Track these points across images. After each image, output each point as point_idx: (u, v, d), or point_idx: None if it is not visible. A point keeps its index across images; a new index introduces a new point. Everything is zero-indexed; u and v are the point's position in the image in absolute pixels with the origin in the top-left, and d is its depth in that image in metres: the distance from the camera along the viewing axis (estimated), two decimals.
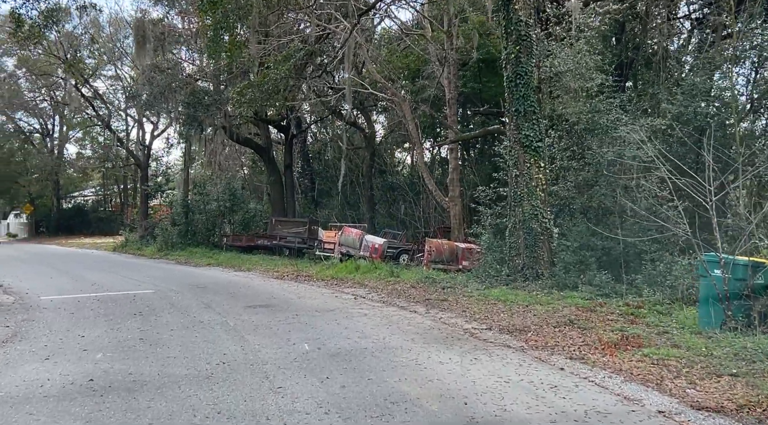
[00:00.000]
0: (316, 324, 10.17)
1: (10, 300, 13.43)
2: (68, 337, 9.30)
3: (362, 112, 31.98)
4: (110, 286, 16.15)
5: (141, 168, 35.97)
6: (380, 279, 15.90)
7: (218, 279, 17.89)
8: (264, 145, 30.75)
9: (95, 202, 58.97)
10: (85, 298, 13.73)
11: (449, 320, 10.46)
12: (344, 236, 22.69)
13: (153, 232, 30.34)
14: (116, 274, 19.51)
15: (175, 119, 26.22)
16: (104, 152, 53.07)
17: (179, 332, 9.66)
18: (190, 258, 25.08)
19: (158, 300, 13.37)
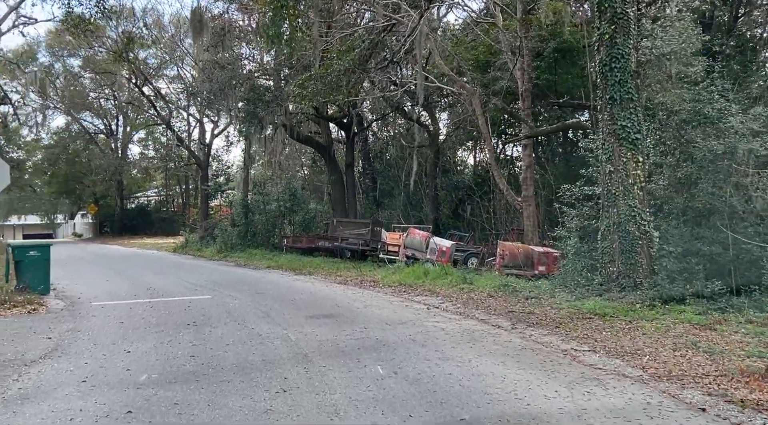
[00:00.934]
0: (387, 340, 8.92)
1: (60, 306, 12.65)
2: (112, 353, 8.29)
3: (426, 109, 30.65)
4: (166, 291, 15.30)
5: (201, 167, 35.56)
6: (452, 286, 14.55)
7: (278, 283, 16.87)
8: (325, 144, 29.77)
9: (158, 203, 59.39)
10: (138, 305, 12.85)
11: (541, 338, 9.05)
12: (409, 238, 21.41)
13: (213, 233, 29.73)
14: (174, 277, 18.74)
15: (235, 117, 25.45)
16: (166, 152, 53.32)
17: (235, 348, 8.55)
18: (249, 260, 24.24)
19: (214, 307, 12.37)
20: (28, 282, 14.00)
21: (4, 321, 10.76)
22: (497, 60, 23.00)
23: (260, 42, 27.05)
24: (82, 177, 53.91)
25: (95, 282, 17.49)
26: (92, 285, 16.72)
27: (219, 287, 15.98)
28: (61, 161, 54.23)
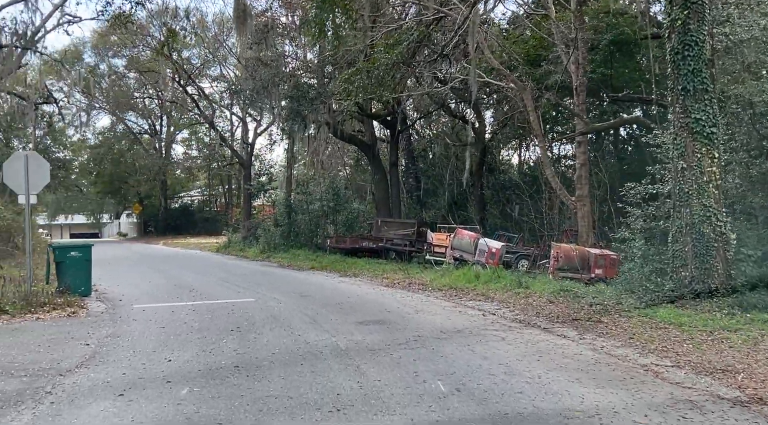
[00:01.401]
0: (445, 351, 8.23)
1: (100, 309, 12.27)
2: (153, 362, 7.78)
3: (472, 106, 29.84)
4: (209, 293, 14.86)
5: (244, 167, 35.34)
6: (507, 291, 13.77)
7: (323, 286, 16.30)
8: (368, 142, 29.19)
9: (201, 202, 59.65)
10: (180, 308, 12.39)
11: (615, 350, 8.24)
12: (457, 239, 20.66)
13: (256, 233, 29.41)
14: (217, 278, 18.34)
15: (278, 115, 25.05)
16: (209, 152, 53.47)
17: (282, 357, 7.96)
18: (292, 261, 23.77)
19: (259, 311, 11.83)
20: (68, 283, 13.70)
21: (43, 325, 10.38)
22: (548, 54, 22.09)
23: (303, 39, 26.62)
24: (127, 177, 54.39)
25: (138, 283, 17.17)
26: (135, 287, 16.39)
27: (262, 289, 15.49)
28: (107, 161, 54.78)
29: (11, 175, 12.10)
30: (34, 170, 12.13)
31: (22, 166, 12.02)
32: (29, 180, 12.06)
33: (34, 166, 12.16)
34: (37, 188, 12.41)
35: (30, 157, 12.15)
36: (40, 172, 12.33)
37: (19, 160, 12.11)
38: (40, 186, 12.57)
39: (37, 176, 12.25)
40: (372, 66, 15.81)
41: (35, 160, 12.31)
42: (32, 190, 12.23)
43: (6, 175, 12.14)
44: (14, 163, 12.15)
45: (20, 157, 12.16)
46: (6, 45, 22.11)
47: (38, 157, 12.60)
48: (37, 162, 12.29)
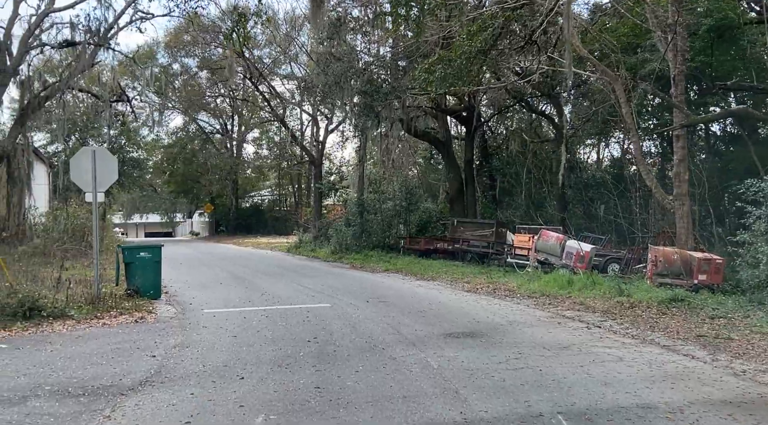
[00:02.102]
0: (555, 373, 7.07)
1: (170, 314, 11.58)
2: (224, 379, 6.91)
3: (552, 100, 28.34)
4: (282, 297, 14.06)
5: (315, 165, 34.71)
6: (606, 299, 12.44)
7: (401, 290, 15.28)
8: (442, 139, 28.07)
9: (271, 202, 59.69)
10: (253, 313, 11.60)
11: (761, 376, 6.91)
12: (542, 241, 19.32)
13: (327, 233, 28.69)
14: (289, 280, 17.58)
15: (351, 111, 24.21)
16: (279, 151, 53.36)
17: (367, 377, 6.97)
18: (365, 263, 22.88)
19: (336, 319, 10.90)
20: (138, 285, 13.16)
21: (108, 332, 9.71)
22: (642, 41, 20.49)
23: (377, 34, 25.73)
24: (199, 176, 54.85)
25: (208, 285, 16.57)
26: (205, 289, 15.78)
27: (337, 293, 14.59)
28: (179, 161, 55.42)
29: (78, 171, 11.55)
30: (101, 166, 11.55)
31: (89, 162, 11.46)
32: (96, 177, 11.49)
33: (102, 162, 11.57)
34: (104, 185, 11.83)
35: (97, 153, 11.58)
36: (108, 169, 11.74)
37: (86, 155, 11.55)
38: (108, 183, 12.00)
39: (105, 173, 11.67)
40: (453, 55, 14.69)
41: (103, 155, 11.73)
42: (100, 187, 11.66)
43: (73, 171, 11.60)
44: (81, 159, 11.60)
45: (87, 153, 11.61)
46: (79, 42, 22.02)
47: (106, 153, 12.03)
48: (104, 158, 11.71)
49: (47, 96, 23.33)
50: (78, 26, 21.77)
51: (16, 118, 22.75)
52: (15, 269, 16.11)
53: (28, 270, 14.18)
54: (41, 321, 9.80)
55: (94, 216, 11.95)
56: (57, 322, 9.93)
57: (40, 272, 15.01)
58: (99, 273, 16.98)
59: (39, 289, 10.56)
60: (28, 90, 22.60)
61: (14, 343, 8.74)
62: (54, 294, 10.44)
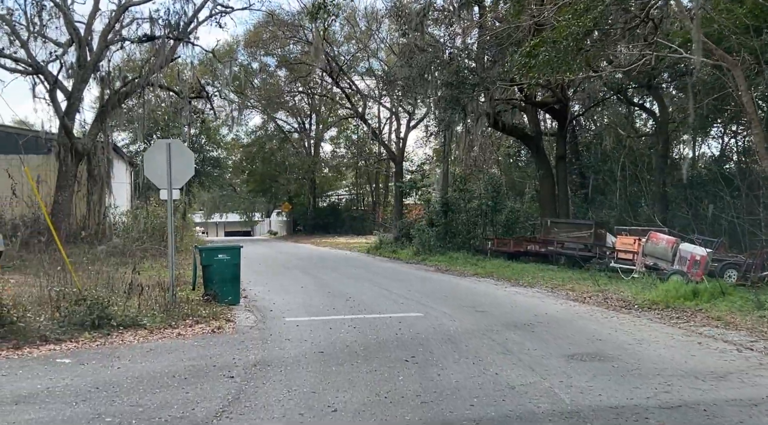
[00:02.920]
0: (726, 415, 5.58)
1: (250, 323, 10.57)
2: (312, 411, 5.77)
3: (651, 91, 26.21)
4: (367, 304, 12.89)
5: (395, 163, 33.50)
6: (744, 313, 10.67)
7: (497, 297, 13.86)
8: (531, 134, 26.37)
9: (348, 201, 59.02)
10: (338, 323, 10.46)
11: None
12: (650, 244, 17.50)
13: (409, 233, 27.48)
14: (372, 284, 16.43)
15: (435, 103, 22.87)
16: (357, 150, 52.56)
17: (484, 411, 5.70)
18: (451, 265, 21.52)
19: (432, 332, 9.63)
20: (216, 290, 12.25)
21: (183, 344, 8.74)
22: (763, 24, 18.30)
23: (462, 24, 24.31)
24: (277, 175, 54.72)
25: (289, 289, 15.60)
26: (286, 293, 14.80)
27: (427, 300, 13.32)
28: (258, 160, 55.46)
29: (152, 166, 10.70)
30: (177, 161, 10.65)
31: (164, 156, 10.58)
32: (171, 172, 10.59)
33: (178, 157, 10.67)
34: (180, 181, 10.94)
35: (173, 146, 10.68)
36: (184, 163, 10.84)
37: (161, 149, 10.68)
38: (184, 179, 11.11)
39: (181, 168, 10.77)
40: (558, 36, 13.14)
41: (178, 149, 10.83)
42: (175, 184, 10.77)
43: (147, 167, 10.77)
44: (155, 153, 10.74)
45: (161, 146, 10.73)
46: (158, 36, 21.58)
47: (182, 146, 11.13)
48: (180, 152, 10.81)
49: (127, 92, 23.06)
50: (157, 21, 21.37)
51: (96, 115, 22.56)
52: (91, 270, 15.59)
53: (101, 271, 13.50)
54: (111, 331, 8.92)
55: (169, 214, 11.06)
56: (128, 332, 9.04)
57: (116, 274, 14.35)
58: (175, 276, 16.37)
59: (109, 295, 9.69)
60: (108, 86, 22.35)
61: (80, 357, 7.85)
62: (125, 300, 9.56)
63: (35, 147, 23.24)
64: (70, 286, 9.54)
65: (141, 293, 10.01)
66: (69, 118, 21.33)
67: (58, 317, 8.78)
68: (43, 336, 8.27)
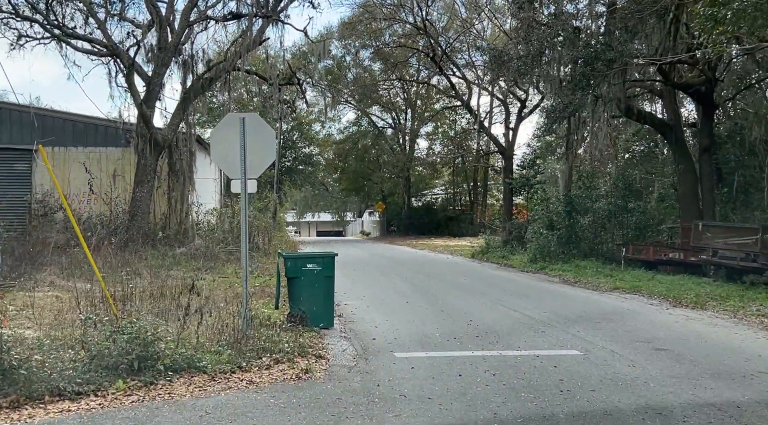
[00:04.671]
0: None
1: (348, 361, 7.76)
2: None
3: None
4: (497, 330, 9.87)
5: (504, 157, 30.05)
6: None
7: (671, 328, 10.47)
8: (669, 122, 22.49)
9: (444, 200, 55.80)
10: (469, 365, 7.51)
11: None
12: None
13: (522, 237, 24.18)
14: (493, 300, 13.36)
15: (558, 86, 19.48)
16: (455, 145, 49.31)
17: None
18: (579, 276, 18.11)
19: (614, 389, 6.50)
20: (304, 310, 9.52)
21: (254, 401, 5.98)
22: None
23: None
24: (371, 173, 52.33)
25: (392, 304, 12.77)
26: (389, 310, 11.97)
27: (575, 327, 10.14)
28: (351, 157, 53.24)
29: (222, 150, 8.07)
30: (253, 142, 7.95)
31: (236, 135, 7.89)
32: (246, 157, 7.90)
33: (254, 136, 7.97)
34: (257, 169, 8.23)
35: (248, 121, 7.97)
36: (263, 145, 8.14)
37: (232, 126, 8.00)
38: (263, 165, 8.38)
39: (258, 151, 8.07)
40: None
41: (255, 125, 8.11)
42: (251, 173, 8.08)
43: (215, 149, 8.14)
44: (225, 131, 8.10)
45: (233, 122, 8.04)
46: (245, 14, 19.26)
47: (259, 121, 8.38)
48: (257, 129, 8.10)
49: (211, 78, 20.87)
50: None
51: (178, 103, 20.50)
52: (161, 277, 13.32)
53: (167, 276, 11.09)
54: (156, 377, 6.27)
55: (243, 212, 8.29)
56: (179, 380, 6.37)
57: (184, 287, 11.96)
58: (259, 286, 13.83)
59: (158, 324, 7.06)
60: (191, 71, 20.24)
61: (97, 423, 5.23)
62: (179, 331, 6.90)
63: (115, 139, 21.48)
64: (108, 311, 6.98)
65: (200, 322, 7.30)
66: (148, 105, 19.33)
67: (82, 358, 6.22)
68: (55, 389, 5.71)
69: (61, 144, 21.40)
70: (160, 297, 9.46)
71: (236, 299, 11.63)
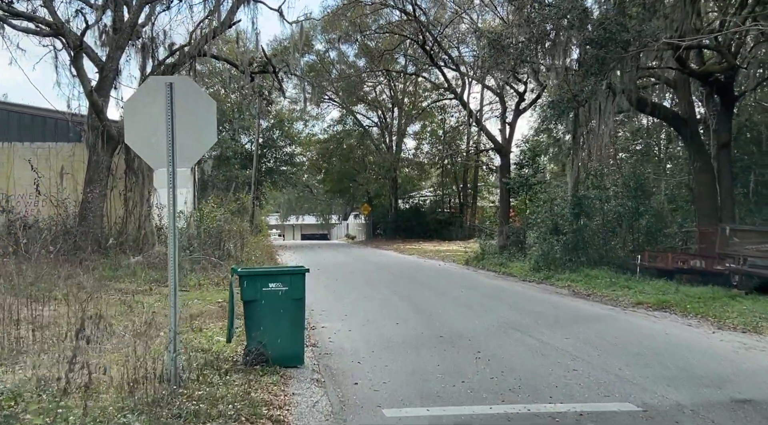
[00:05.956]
0: None
1: (317, 419, 5.48)
2: None
3: None
4: (514, 366, 7.68)
5: (501, 154, 27.77)
6: None
7: (732, 360, 8.30)
8: (684, 115, 20.38)
9: (432, 203, 53.51)
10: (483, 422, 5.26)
11: None
12: None
13: (521, 242, 22.00)
14: (501, 322, 11.11)
15: (564, 72, 17.32)
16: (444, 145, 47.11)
17: None
18: (591, 287, 15.92)
19: None
20: (264, 343, 7.26)
21: None
22: None
23: None
24: (356, 174, 49.98)
25: (381, 328, 10.50)
26: (375, 337, 9.71)
27: (610, 360, 7.96)
28: (335, 157, 50.86)
29: (140, 128, 5.75)
30: (186, 117, 5.66)
31: (161, 108, 5.59)
32: (176, 138, 5.60)
33: (187, 109, 5.69)
34: (192, 155, 5.91)
35: (178, 87, 5.67)
36: (199, 122, 5.83)
37: (153, 96, 5.68)
38: (199, 150, 6.05)
39: (194, 129, 5.76)
40: None
41: (189, 93, 5.78)
42: (184, 160, 5.77)
43: (130, 127, 5.81)
44: (145, 101, 5.77)
45: (156, 89, 5.71)
46: None
47: (194, 88, 5.99)
48: (192, 98, 5.78)
49: (175, 63, 18.47)
50: None
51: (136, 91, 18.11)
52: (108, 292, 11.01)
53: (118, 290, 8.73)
54: None
55: (171, 217, 5.94)
56: None
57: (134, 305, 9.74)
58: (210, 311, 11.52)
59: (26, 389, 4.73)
60: (151, 55, 17.85)
61: None
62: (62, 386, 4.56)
63: (66, 133, 19.03)
64: None
65: (87, 388, 4.93)
66: (101, 94, 16.89)
67: None
68: None
69: (4, 138, 18.99)
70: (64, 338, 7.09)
71: (188, 322, 9.41)
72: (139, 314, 9.83)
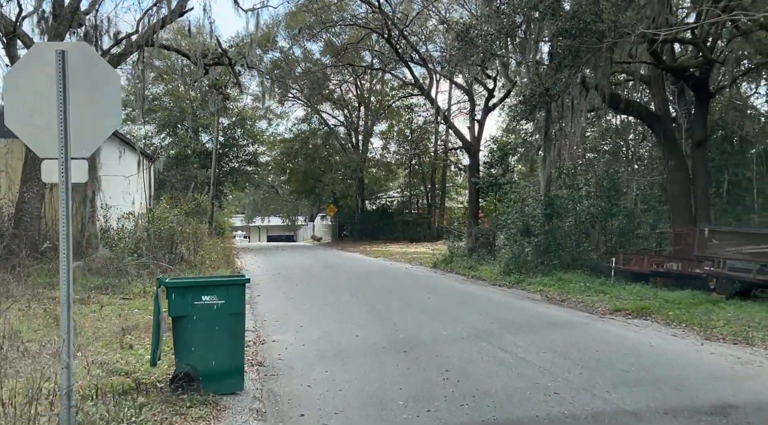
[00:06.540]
0: None
1: None
2: None
3: None
4: (487, 389, 6.71)
5: (470, 153, 26.79)
6: None
7: (730, 379, 7.43)
8: (658, 113, 19.73)
9: (400, 204, 52.56)
10: None
11: None
12: None
13: (491, 244, 21.12)
14: (471, 332, 10.13)
15: (532, 68, 16.45)
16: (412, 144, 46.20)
17: None
18: (565, 292, 15.06)
19: None
20: (196, 365, 6.16)
21: None
22: None
23: None
24: (321, 174, 48.82)
25: (336, 341, 9.43)
26: (331, 353, 8.65)
27: (595, 378, 7.04)
28: (300, 157, 49.57)
29: (23, 107, 4.63)
30: (83, 94, 4.56)
31: (50, 82, 4.49)
32: (69, 119, 4.49)
33: (84, 85, 4.59)
34: (91, 141, 4.80)
35: (72, 55, 4.55)
36: (100, 100, 4.73)
37: (42, 64, 4.56)
38: (100, 135, 4.93)
39: (92, 109, 4.67)
40: None
41: (86, 63, 4.67)
42: (80, 148, 4.65)
43: (10, 107, 4.68)
44: (29, 73, 4.65)
45: (44, 58, 4.58)
46: None
47: (93, 57, 4.85)
48: (90, 70, 4.68)
49: (121, 53, 17.18)
50: None
51: None
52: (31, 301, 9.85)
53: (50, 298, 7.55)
54: None
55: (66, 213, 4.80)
56: None
57: None
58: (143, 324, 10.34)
59: None
60: (95, 44, 16.51)
61: None
62: None
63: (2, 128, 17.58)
64: None
65: None
66: None
67: None
68: None
69: None
70: None
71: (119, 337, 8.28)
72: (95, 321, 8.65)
